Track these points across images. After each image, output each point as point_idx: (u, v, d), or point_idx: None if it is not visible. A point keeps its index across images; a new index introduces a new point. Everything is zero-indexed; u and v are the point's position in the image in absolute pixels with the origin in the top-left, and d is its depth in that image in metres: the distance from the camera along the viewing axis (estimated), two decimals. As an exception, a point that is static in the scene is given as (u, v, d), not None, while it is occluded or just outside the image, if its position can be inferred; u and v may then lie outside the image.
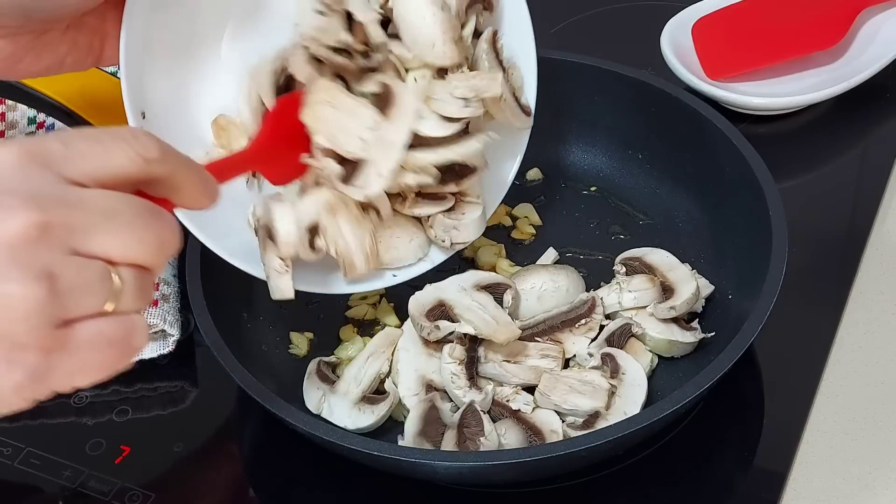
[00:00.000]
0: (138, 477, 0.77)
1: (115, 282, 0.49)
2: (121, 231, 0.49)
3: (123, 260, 0.49)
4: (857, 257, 0.88)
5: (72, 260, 0.48)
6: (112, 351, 0.49)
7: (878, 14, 1.04)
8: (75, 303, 0.48)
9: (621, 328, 0.80)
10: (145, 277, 0.51)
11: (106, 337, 0.49)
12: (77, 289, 0.47)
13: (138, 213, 0.50)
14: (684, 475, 0.76)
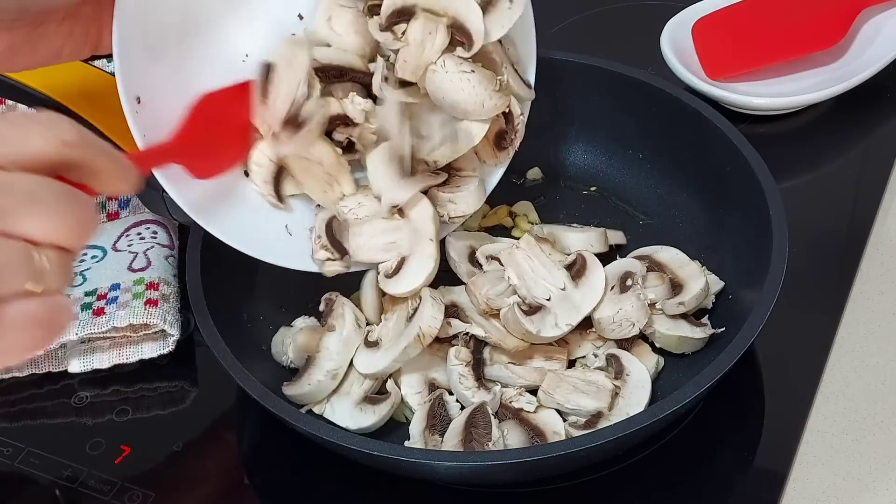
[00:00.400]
0: (138, 477, 0.77)
1: (38, 262, 0.50)
2: (43, 213, 0.50)
3: (45, 240, 0.51)
4: (857, 257, 0.88)
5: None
6: (38, 330, 0.50)
7: (878, 14, 1.04)
8: (1, 283, 0.49)
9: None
10: (66, 258, 0.52)
11: (32, 316, 0.50)
12: (2, 268, 0.48)
13: (59, 196, 0.51)
14: (684, 475, 0.76)
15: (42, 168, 0.52)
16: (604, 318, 0.79)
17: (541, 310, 0.77)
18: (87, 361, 0.83)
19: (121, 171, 0.56)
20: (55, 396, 0.83)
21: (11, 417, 0.82)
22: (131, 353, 0.84)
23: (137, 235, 0.90)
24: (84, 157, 0.53)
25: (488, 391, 0.76)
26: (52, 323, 0.51)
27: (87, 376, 0.84)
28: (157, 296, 0.83)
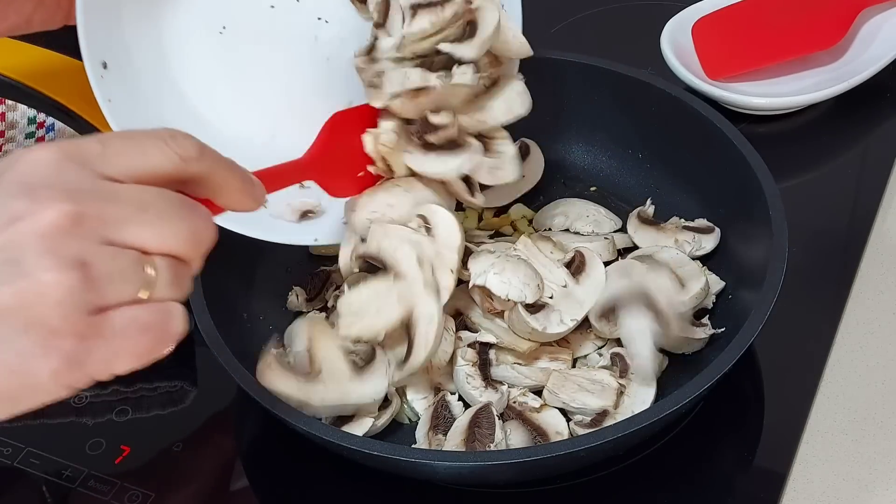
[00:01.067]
0: (138, 477, 0.77)
1: (149, 271, 0.50)
2: (153, 221, 0.51)
3: (157, 250, 0.51)
4: (857, 257, 0.88)
5: (105, 249, 0.49)
6: (147, 337, 0.50)
7: (878, 14, 1.04)
8: (108, 290, 0.49)
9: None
10: (180, 268, 0.52)
11: (140, 323, 0.50)
12: (110, 276, 0.49)
13: (171, 205, 0.52)
14: (684, 475, 0.76)
15: (160, 183, 0.52)
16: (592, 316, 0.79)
17: (545, 308, 0.77)
18: (87, 361, 0.83)
19: (246, 186, 0.57)
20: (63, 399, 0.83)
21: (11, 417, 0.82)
22: (131, 353, 0.83)
23: (137, 235, 0.90)
24: (203, 173, 0.54)
25: (496, 391, 0.76)
26: (162, 330, 0.51)
27: (87, 376, 0.83)
28: (157, 296, 0.83)
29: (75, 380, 0.50)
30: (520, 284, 0.77)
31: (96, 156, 0.51)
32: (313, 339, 0.78)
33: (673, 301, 0.76)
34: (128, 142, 0.52)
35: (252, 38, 0.80)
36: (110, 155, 0.51)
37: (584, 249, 0.81)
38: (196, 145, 0.53)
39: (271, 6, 0.81)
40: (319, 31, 0.83)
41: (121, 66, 0.71)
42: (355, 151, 0.76)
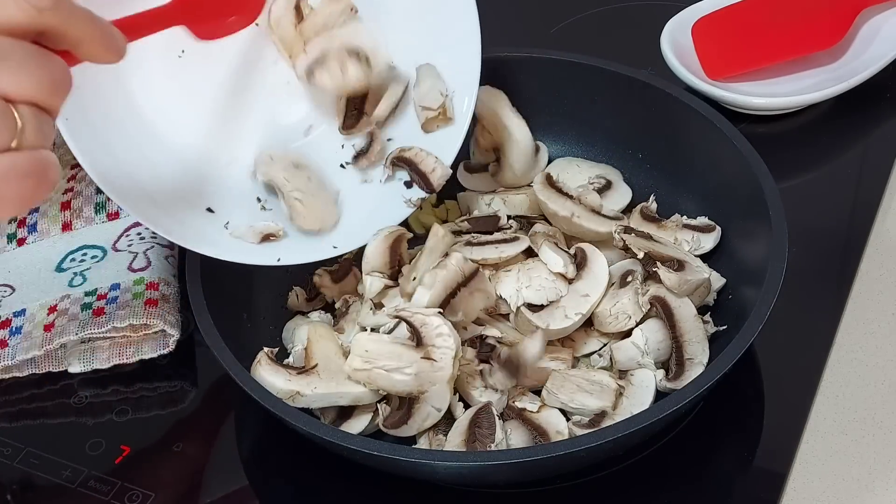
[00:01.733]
0: (138, 477, 0.77)
1: (16, 118, 0.52)
2: (13, 70, 0.52)
3: (19, 97, 0.52)
4: (857, 257, 0.88)
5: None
6: (28, 182, 0.52)
7: (878, 14, 1.04)
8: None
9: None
10: (44, 116, 0.53)
11: (20, 169, 0.52)
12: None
13: (29, 54, 0.53)
14: (684, 475, 0.76)
15: (17, 34, 0.53)
16: (601, 312, 0.79)
17: (549, 304, 0.78)
18: (87, 361, 0.83)
19: (105, 37, 0.57)
20: (55, 396, 0.83)
21: (11, 417, 0.82)
22: (131, 353, 0.83)
23: (137, 235, 0.90)
24: (61, 24, 0.54)
25: (496, 391, 0.76)
26: (39, 175, 0.52)
27: (87, 376, 0.84)
28: (157, 296, 0.83)
29: None
30: (551, 284, 0.77)
31: None
32: (312, 339, 0.78)
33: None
34: None
35: (209, 62, 0.81)
36: None
37: (586, 245, 0.81)
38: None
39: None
40: (279, 56, 0.84)
41: (79, 86, 0.72)
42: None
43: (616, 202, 0.90)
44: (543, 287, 0.78)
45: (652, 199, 0.89)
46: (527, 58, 0.94)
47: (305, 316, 0.85)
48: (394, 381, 0.73)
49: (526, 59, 0.94)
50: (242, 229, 0.80)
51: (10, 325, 0.84)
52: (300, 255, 0.81)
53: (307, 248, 0.81)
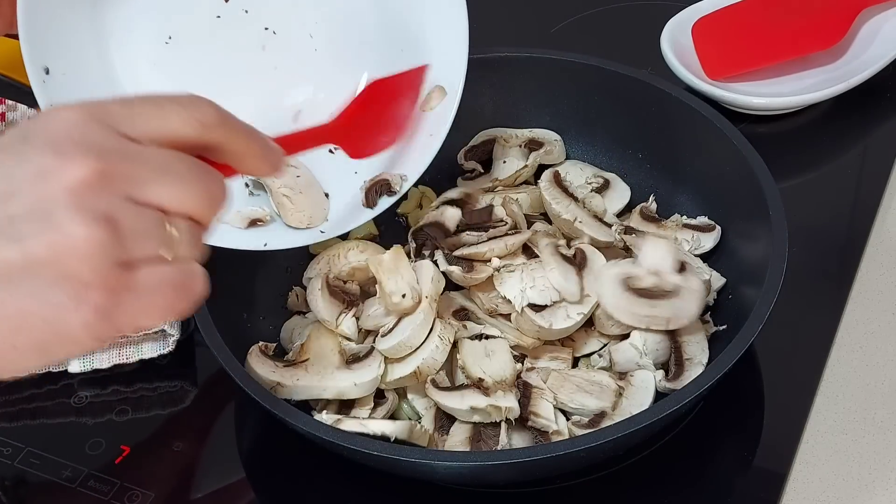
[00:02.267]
0: (138, 477, 0.77)
1: (170, 230, 0.52)
2: (174, 183, 0.52)
3: (176, 210, 0.52)
4: (857, 257, 0.88)
5: (130, 206, 0.50)
6: (173, 293, 0.52)
7: (878, 14, 1.04)
8: (135, 245, 0.50)
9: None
10: (197, 229, 0.54)
11: (167, 279, 0.52)
12: (136, 232, 0.50)
13: (189, 168, 0.53)
14: (684, 475, 0.76)
15: (180, 147, 0.53)
16: (602, 314, 0.79)
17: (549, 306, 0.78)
18: (87, 361, 0.83)
19: (264, 152, 0.58)
20: (55, 396, 0.83)
21: (11, 417, 0.82)
22: (131, 353, 0.83)
23: (137, 235, 0.90)
24: (225, 140, 0.55)
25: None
26: (185, 287, 0.53)
27: (87, 376, 0.84)
28: (157, 296, 0.83)
29: (104, 331, 0.51)
30: (559, 282, 0.78)
31: (119, 116, 0.52)
32: (312, 336, 0.78)
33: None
34: (150, 105, 0.53)
35: (198, 47, 0.81)
36: (133, 116, 0.52)
37: (585, 246, 0.81)
38: (216, 112, 0.55)
39: (217, 16, 0.81)
40: (266, 42, 0.83)
41: (66, 74, 0.72)
42: (383, 116, 0.80)
43: (616, 202, 0.90)
44: (547, 288, 0.78)
45: (652, 200, 0.89)
46: (527, 58, 0.94)
47: (304, 316, 0.85)
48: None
49: (526, 59, 0.94)
50: (229, 214, 0.80)
51: (10, 325, 0.84)
52: (287, 240, 0.81)
53: (295, 234, 0.81)
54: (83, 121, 0.51)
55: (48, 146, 0.50)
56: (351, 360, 0.77)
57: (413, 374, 0.75)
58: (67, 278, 0.49)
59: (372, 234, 0.90)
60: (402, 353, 0.76)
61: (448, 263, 0.81)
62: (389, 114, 0.81)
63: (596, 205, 0.87)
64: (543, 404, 0.74)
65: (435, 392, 0.74)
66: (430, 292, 0.77)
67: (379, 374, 0.75)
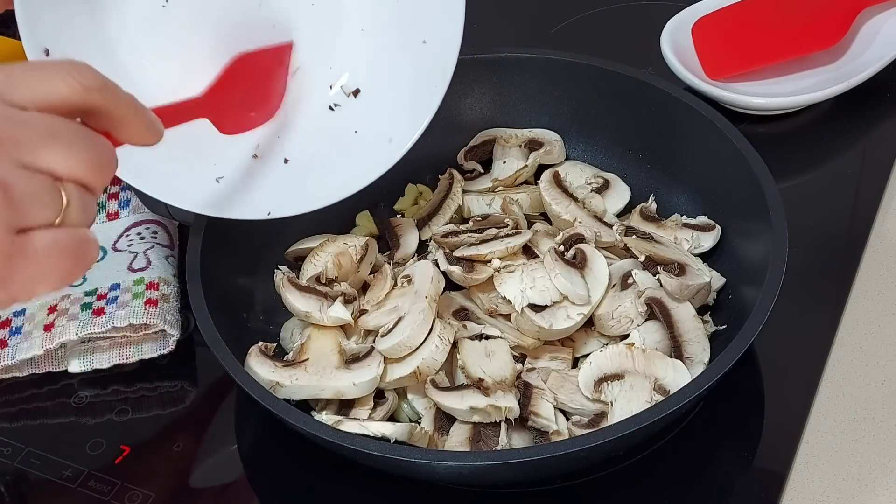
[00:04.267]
0: (138, 477, 0.77)
1: (62, 195, 0.52)
2: (63, 148, 0.52)
3: (67, 175, 0.52)
4: (857, 257, 0.88)
5: (22, 171, 0.51)
6: (67, 259, 0.52)
7: (878, 14, 1.04)
8: (29, 211, 0.51)
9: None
10: (87, 196, 0.54)
11: (61, 245, 0.52)
12: (29, 198, 0.51)
13: (76, 133, 0.53)
14: (684, 475, 0.76)
15: (63, 112, 0.53)
16: (603, 315, 0.79)
17: (549, 307, 0.78)
18: (87, 361, 0.83)
19: (145, 120, 0.58)
20: (55, 396, 0.83)
21: (11, 417, 0.82)
22: (131, 353, 0.84)
23: (137, 235, 0.90)
24: (105, 104, 0.55)
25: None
26: (79, 253, 0.53)
27: (87, 376, 0.84)
28: (157, 296, 0.83)
29: (1, 299, 0.51)
30: (565, 287, 0.78)
31: (3, 85, 0.52)
32: (313, 336, 0.78)
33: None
34: (32, 71, 0.54)
35: (195, 14, 0.81)
36: (15, 83, 0.53)
37: (585, 246, 0.81)
38: (98, 77, 0.55)
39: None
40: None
41: (63, 52, 0.72)
42: (253, 92, 0.80)
43: (616, 202, 0.90)
44: (547, 288, 0.78)
45: (651, 200, 0.89)
46: (527, 58, 0.94)
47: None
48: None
49: (526, 59, 0.94)
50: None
51: (10, 325, 0.84)
52: (292, 207, 0.81)
53: (299, 200, 0.81)
54: None
55: None
56: (350, 361, 0.77)
57: (413, 374, 0.75)
58: None
59: (372, 233, 0.91)
60: (402, 354, 0.76)
61: (448, 263, 0.81)
62: (257, 89, 0.80)
63: (596, 205, 0.87)
64: (544, 404, 0.74)
65: (435, 392, 0.74)
66: (430, 292, 0.77)
67: (378, 374, 0.75)
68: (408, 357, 0.76)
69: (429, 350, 0.75)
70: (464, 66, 0.93)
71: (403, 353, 0.76)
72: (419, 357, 0.75)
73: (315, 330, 0.79)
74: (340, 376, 0.75)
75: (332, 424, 0.71)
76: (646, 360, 0.75)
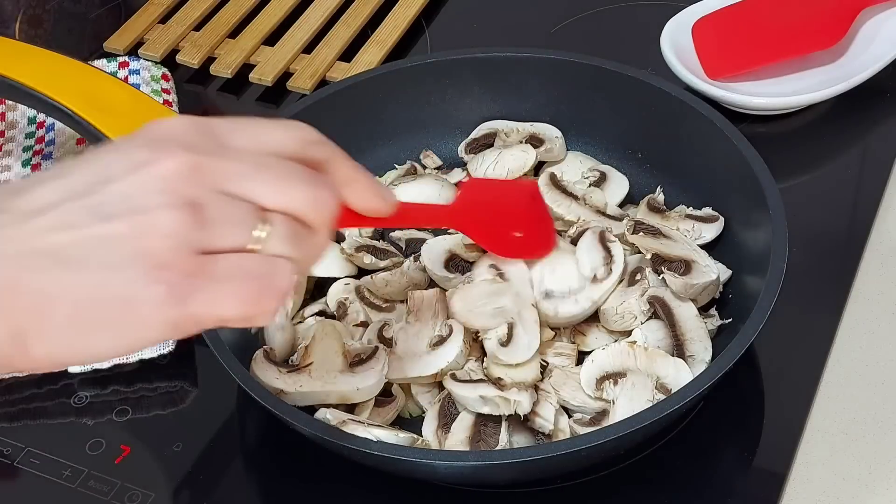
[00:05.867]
0: (138, 477, 0.77)
1: (263, 224, 0.51)
2: (273, 180, 0.52)
3: (274, 206, 0.52)
4: (857, 257, 0.88)
5: (220, 196, 0.51)
6: (251, 284, 0.51)
7: (878, 14, 1.04)
8: (218, 232, 0.50)
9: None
10: (298, 228, 0.53)
11: (245, 269, 0.51)
12: (221, 220, 0.50)
13: (292, 169, 0.53)
14: (684, 475, 0.76)
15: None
16: (608, 309, 0.79)
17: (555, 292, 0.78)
18: (87, 361, 0.83)
19: (372, 184, 0.58)
20: (55, 396, 0.83)
21: (11, 417, 0.82)
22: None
23: (137, 235, 0.90)
24: (326, 158, 0.55)
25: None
26: (267, 281, 0.51)
27: (87, 376, 0.84)
28: (157, 296, 0.83)
29: (177, 315, 0.50)
30: (575, 273, 0.79)
31: (223, 127, 0.53)
32: (316, 337, 0.78)
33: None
34: (253, 122, 0.54)
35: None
36: (236, 128, 0.53)
37: (592, 228, 0.81)
38: (318, 134, 0.55)
39: None
40: None
41: None
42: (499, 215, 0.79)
43: (615, 193, 0.90)
44: (567, 276, 0.79)
45: (659, 191, 0.89)
46: (527, 58, 0.94)
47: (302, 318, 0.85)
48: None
49: (526, 59, 0.94)
50: None
51: (10, 325, 0.84)
52: None
53: None
54: (185, 125, 0.52)
55: (147, 144, 0.51)
56: (355, 363, 0.76)
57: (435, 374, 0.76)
58: (144, 255, 0.49)
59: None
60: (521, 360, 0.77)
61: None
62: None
63: (597, 199, 0.87)
64: (545, 405, 0.74)
65: (451, 382, 0.74)
66: (532, 297, 0.78)
67: (382, 377, 0.75)
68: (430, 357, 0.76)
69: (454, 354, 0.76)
70: (464, 65, 0.94)
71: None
72: (444, 360, 0.75)
73: (319, 331, 0.79)
74: (344, 380, 0.75)
75: (336, 425, 0.71)
76: (648, 358, 0.75)
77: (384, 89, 0.94)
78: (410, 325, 0.78)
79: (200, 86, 1.10)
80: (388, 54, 1.09)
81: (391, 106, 0.94)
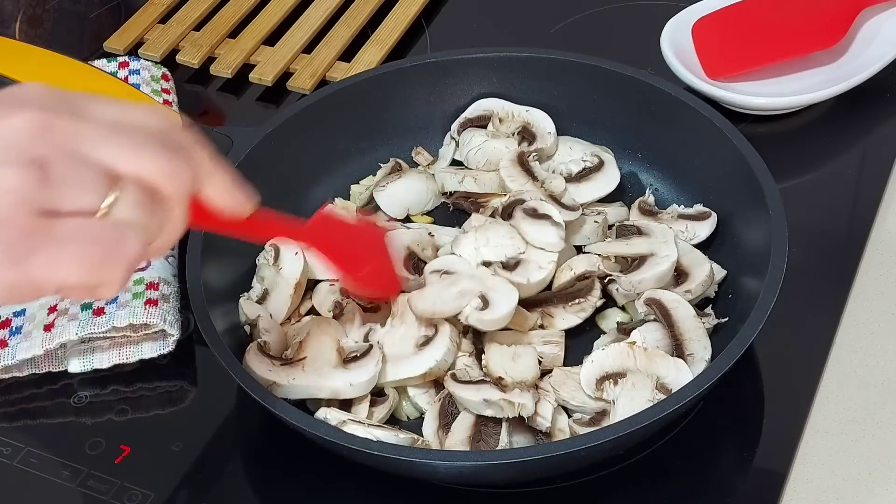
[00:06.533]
0: (138, 477, 0.77)
1: (113, 189, 0.50)
2: (127, 144, 0.50)
3: (127, 172, 0.50)
4: (857, 257, 0.88)
5: (69, 157, 0.49)
6: (95, 248, 0.49)
7: (878, 14, 1.04)
8: (63, 194, 0.49)
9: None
10: (152, 196, 0.51)
11: (89, 233, 0.49)
12: (68, 181, 0.49)
13: (149, 137, 0.51)
14: (684, 475, 0.76)
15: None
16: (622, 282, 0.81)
17: (519, 263, 0.79)
18: (86, 361, 0.83)
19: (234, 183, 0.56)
20: (55, 396, 0.83)
21: (11, 417, 0.82)
22: (131, 353, 0.83)
23: (137, 235, 0.90)
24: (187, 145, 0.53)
25: None
26: (111, 246, 0.49)
27: (86, 376, 0.84)
28: (157, 296, 0.83)
29: (15, 278, 0.48)
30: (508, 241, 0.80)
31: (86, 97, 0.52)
32: (312, 333, 0.78)
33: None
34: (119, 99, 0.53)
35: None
36: (99, 99, 0.52)
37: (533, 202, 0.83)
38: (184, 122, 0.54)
39: None
40: None
41: None
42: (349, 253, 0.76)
43: (600, 188, 0.89)
44: (502, 245, 0.80)
45: (648, 193, 0.89)
46: (527, 58, 0.94)
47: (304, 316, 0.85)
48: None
49: (526, 59, 0.94)
50: None
51: (10, 325, 0.84)
52: None
53: None
54: (47, 90, 0.51)
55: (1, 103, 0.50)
56: (348, 360, 0.77)
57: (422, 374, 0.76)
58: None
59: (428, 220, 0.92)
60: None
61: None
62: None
63: (555, 186, 0.86)
64: (544, 405, 0.74)
65: (452, 384, 0.75)
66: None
67: (376, 374, 0.75)
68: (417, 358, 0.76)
69: (441, 352, 0.75)
70: (464, 65, 0.94)
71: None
72: (432, 359, 0.75)
73: (314, 327, 0.79)
74: (338, 376, 0.75)
75: (336, 425, 0.71)
76: (647, 358, 0.75)
77: (384, 89, 0.94)
78: (395, 328, 0.79)
79: (200, 86, 1.10)
80: (388, 54, 1.10)
81: (391, 106, 0.94)
